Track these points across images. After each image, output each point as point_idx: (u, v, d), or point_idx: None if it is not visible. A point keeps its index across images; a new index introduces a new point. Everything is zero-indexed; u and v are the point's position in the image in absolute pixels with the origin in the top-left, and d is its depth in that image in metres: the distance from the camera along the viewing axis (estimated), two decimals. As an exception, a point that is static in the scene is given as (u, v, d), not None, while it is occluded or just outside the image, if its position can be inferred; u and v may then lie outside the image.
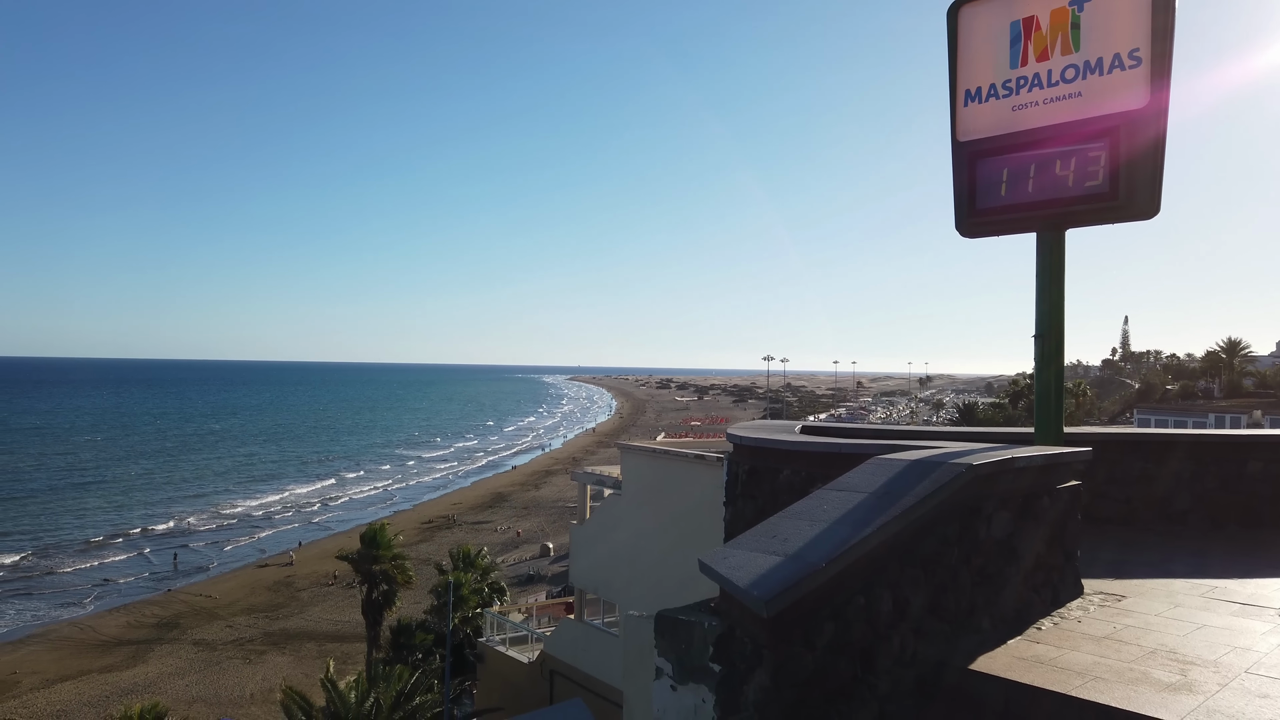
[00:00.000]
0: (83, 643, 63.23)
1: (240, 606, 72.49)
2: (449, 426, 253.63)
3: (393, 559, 44.97)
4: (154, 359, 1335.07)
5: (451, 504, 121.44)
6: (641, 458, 22.10)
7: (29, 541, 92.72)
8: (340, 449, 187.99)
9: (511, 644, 26.40)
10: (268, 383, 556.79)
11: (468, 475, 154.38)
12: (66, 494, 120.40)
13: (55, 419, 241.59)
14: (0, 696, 52.94)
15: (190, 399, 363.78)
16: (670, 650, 5.22)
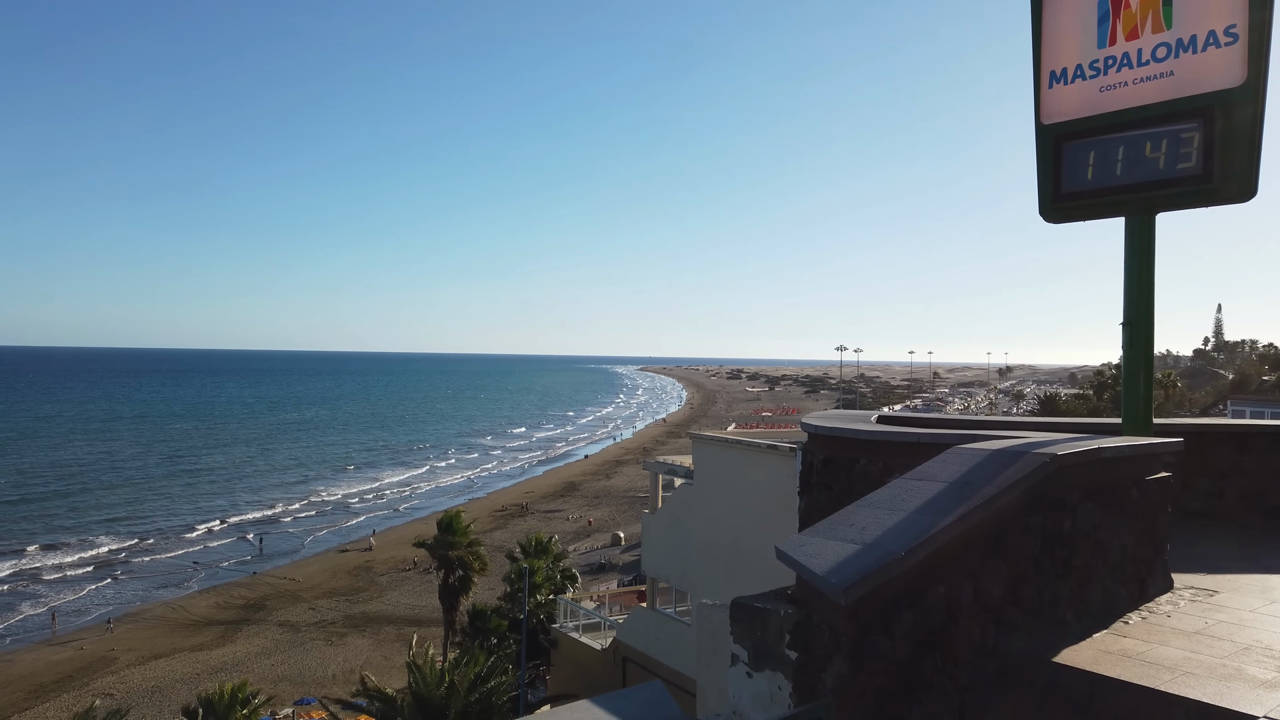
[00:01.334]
0: (175, 622, 66.04)
1: (322, 590, 74.79)
2: (522, 416, 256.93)
3: (468, 545, 45.88)
4: (222, 349, 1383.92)
5: (524, 492, 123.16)
6: (714, 447, 22.13)
7: (130, 526, 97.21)
8: (420, 437, 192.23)
9: (584, 630, 26.73)
10: (350, 373, 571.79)
11: (540, 464, 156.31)
12: (165, 480, 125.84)
13: (153, 408, 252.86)
14: (99, 671, 55.70)
15: (275, 389, 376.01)
16: (745, 637, 5.26)
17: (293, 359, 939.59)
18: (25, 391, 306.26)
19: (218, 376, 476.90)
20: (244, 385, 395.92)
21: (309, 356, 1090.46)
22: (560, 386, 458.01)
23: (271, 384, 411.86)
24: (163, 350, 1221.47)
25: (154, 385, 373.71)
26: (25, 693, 52.23)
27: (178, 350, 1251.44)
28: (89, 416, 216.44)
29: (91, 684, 53.67)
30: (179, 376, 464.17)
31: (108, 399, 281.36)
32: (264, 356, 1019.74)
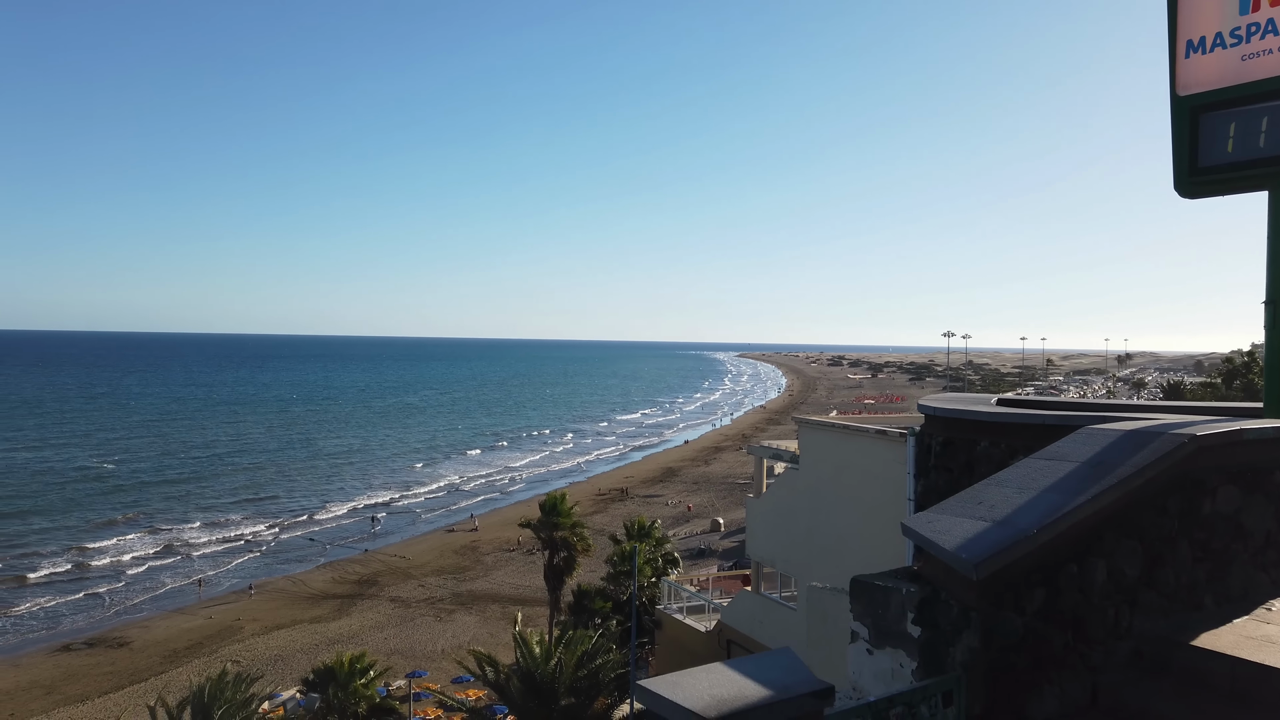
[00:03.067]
0: (295, 595, 69.39)
1: (431, 568, 77.34)
2: (622, 402, 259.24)
3: (571, 527, 46.70)
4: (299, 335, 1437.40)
5: (624, 477, 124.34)
6: (820, 432, 21.96)
7: (257, 505, 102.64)
8: (521, 423, 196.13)
9: (689, 613, 26.98)
10: (453, 359, 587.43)
11: (639, 450, 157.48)
12: (288, 461, 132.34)
13: (275, 391, 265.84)
14: (227, 639, 59.06)
15: (386, 374, 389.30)
16: (866, 615, 5.30)
17: (395, 345, 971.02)
18: (158, 374, 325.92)
19: (333, 362, 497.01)
20: (357, 370, 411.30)
21: (410, 342, 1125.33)
22: (658, 373, 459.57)
23: (382, 369, 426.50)
24: (278, 336, 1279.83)
25: (276, 370, 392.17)
26: (161, 657, 55.82)
27: (292, 336, 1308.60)
28: (218, 400, 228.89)
29: (220, 651, 56.90)
30: (299, 362, 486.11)
31: (236, 383, 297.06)
32: (368, 343, 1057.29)
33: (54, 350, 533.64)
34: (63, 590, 68.48)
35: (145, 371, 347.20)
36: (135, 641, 58.39)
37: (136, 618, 63.51)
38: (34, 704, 48.29)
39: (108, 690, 50.25)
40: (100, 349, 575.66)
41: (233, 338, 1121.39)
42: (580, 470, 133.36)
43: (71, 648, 57.28)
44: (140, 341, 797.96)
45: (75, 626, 61.39)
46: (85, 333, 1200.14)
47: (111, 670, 53.53)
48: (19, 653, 56.32)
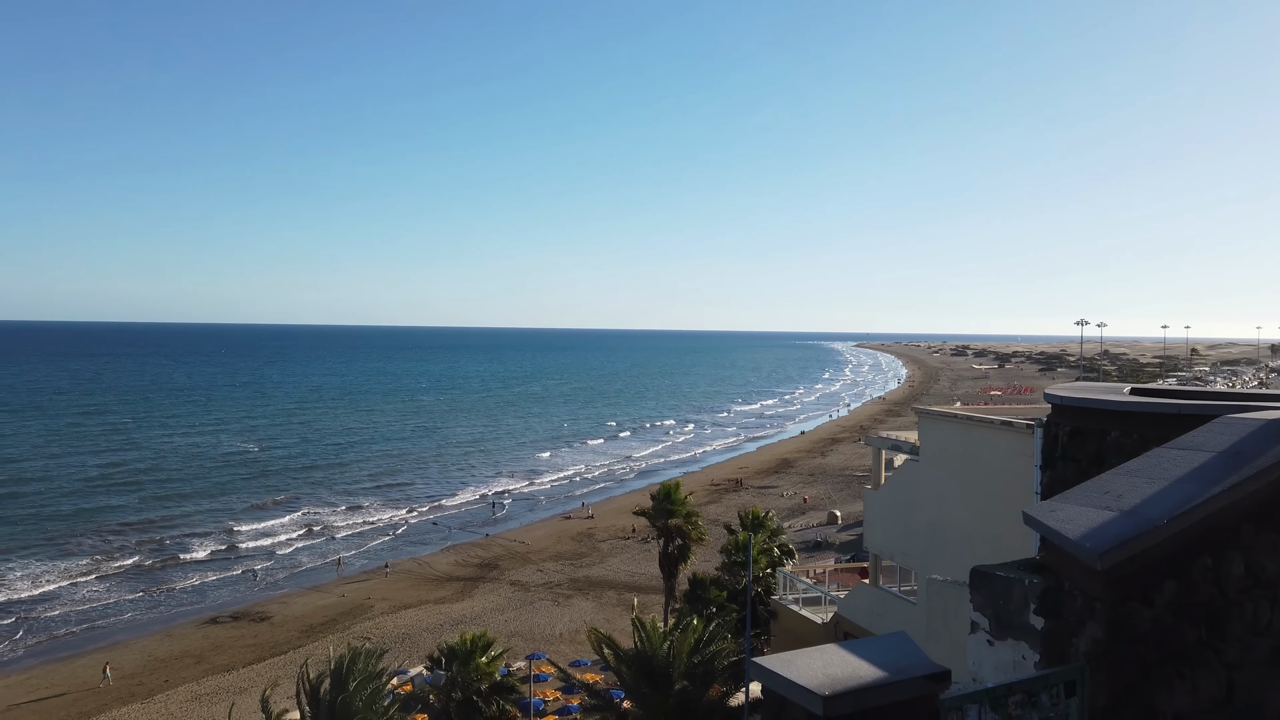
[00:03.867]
0: (421, 576, 72.17)
1: (549, 553, 79.07)
2: (736, 392, 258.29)
3: (686, 516, 46.93)
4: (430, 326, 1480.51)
5: (738, 468, 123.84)
6: (943, 423, 21.38)
7: (388, 489, 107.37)
8: (636, 412, 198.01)
9: (805, 604, 26.74)
10: (569, 349, 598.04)
11: (753, 440, 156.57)
12: (419, 447, 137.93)
13: (405, 382, 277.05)
14: (358, 617, 62.00)
15: (505, 364, 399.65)
16: (987, 605, 5.23)
17: (514, 336, 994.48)
18: (295, 365, 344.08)
19: (457, 353, 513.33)
20: (481, 361, 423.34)
21: (527, 333, 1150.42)
22: (774, 363, 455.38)
23: (504, 360, 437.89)
24: (404, 329, 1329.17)
25: (404, 361, 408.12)
26: (298, 632, 59.06)
27: (419, 328, 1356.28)
28: (352, 390, 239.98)
29: (352, 627, 59.74)
30: (425, 353, 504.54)
31: (368, 374, 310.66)
32: (488, 334, 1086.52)
33: (201, 343, 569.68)
34: (211, 568, 73.24)
35: (284, 362, 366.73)
36: (275, 616, 61.96)
37: (276, 594, 67.35)
38: (185, 672, 51.91)
39: (251, 661, 53.49)
40: (238, 341, 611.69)
41: (358, 330, 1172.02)
42: (695, 460, 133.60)
43: (218, 620, 61.26)
44: (273, 333, 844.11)
45: (221, 601, 65.55)
46: (226, 325, 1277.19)
47: (254, 643, 56.98)
48: (171, 624, 60.59)
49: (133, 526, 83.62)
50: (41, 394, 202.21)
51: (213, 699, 47.94)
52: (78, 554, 74.07)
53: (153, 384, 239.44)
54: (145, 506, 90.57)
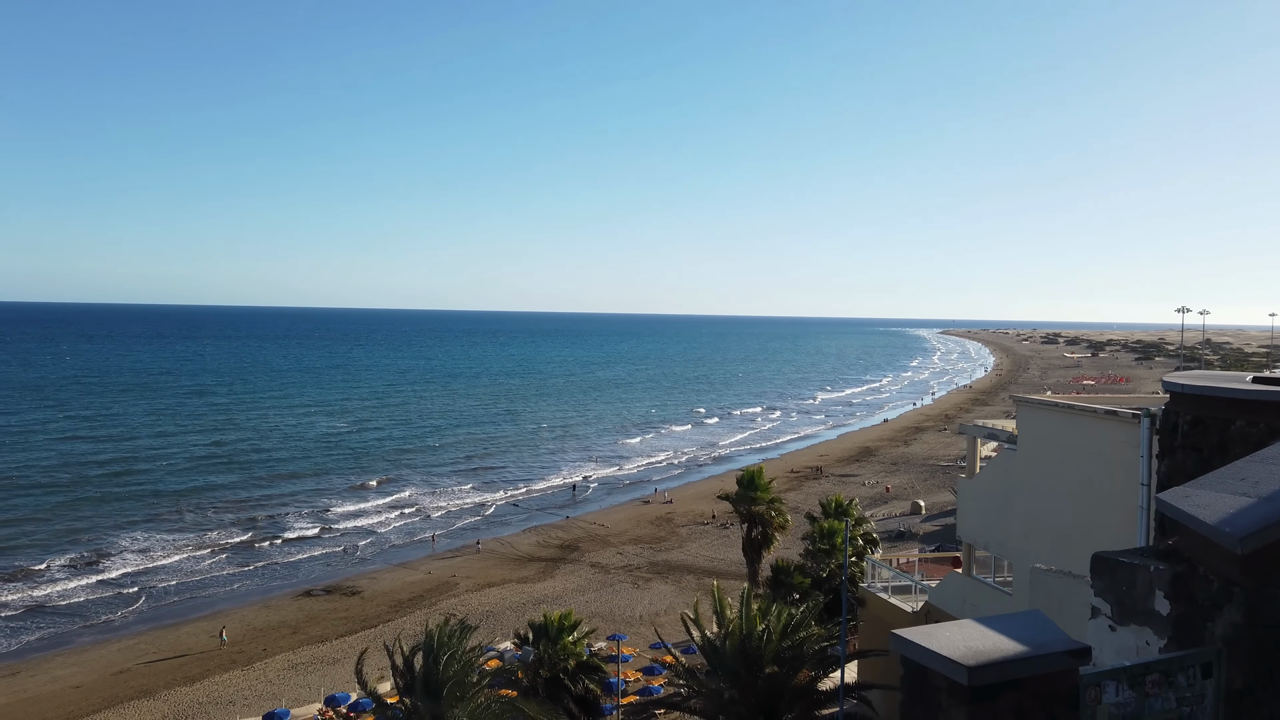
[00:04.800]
0: (504, 556, 73.65)
1: (628, 537, 79.77)
2: (816, 379, 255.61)
3: (769, 502, 46.79)
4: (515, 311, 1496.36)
5: (818, 455, 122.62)
6: (1042, 412, 20.82)
7: (473, 470, 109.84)
8: (716, 398, 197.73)
9: (894, 592, 26.43)
10: (650, 335, 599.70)
11: (834, 428, 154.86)
12: (503, 431, 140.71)
13: (484, 365, 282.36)
14: (444, 594, 63.63)
15: (587, 349, 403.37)
16: (1109, 591, 5.18)
17: (590, 321, 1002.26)
18: (381, 349, 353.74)
19: (539, 337, 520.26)
20: (561, 346, 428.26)
21: (603, 319, 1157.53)
22: (856, 350, 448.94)
23: (583, 345, 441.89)
24: (485, 313, 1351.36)
25: (488, 345, 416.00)
26: (387, 606, 60.98)
27: (500, 314, 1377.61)
28: (439, 373, 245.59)
29: (438, 604, 61.35)
30: (509, 337, 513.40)
31: (451, 358, 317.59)
32: (566, 319, 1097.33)
33: (292, 326, 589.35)
34: (306, 543, 76.12)
35: (370, 346, 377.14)
36: (365, 591, 64.07)
37: (366, 570, 69.60)
38: (282, 641, 54.15)
39: (343, 633, 55.47)
40: (324, 325, 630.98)
41: (438, 314, 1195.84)
42: (775, 447, 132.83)
43: (312, 593, 63.64)
44: (355, 318, 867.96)
45: (315, 575, 68.06)
46: (313, 309, 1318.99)
47: (346, 616, 59.05)
48: (269, 595, 63.22)
49: (235, 503, 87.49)
50: (150, 375, 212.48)
51: (308, 668, 49.93)
52: (185, 528, 77.86)
53: (250, 366, 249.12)
54: (247, 485, 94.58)
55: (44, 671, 49.04)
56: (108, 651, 52.18)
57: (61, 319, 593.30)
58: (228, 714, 43.49)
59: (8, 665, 49.98)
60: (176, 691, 46.40)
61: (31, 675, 48.59)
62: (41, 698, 45.56)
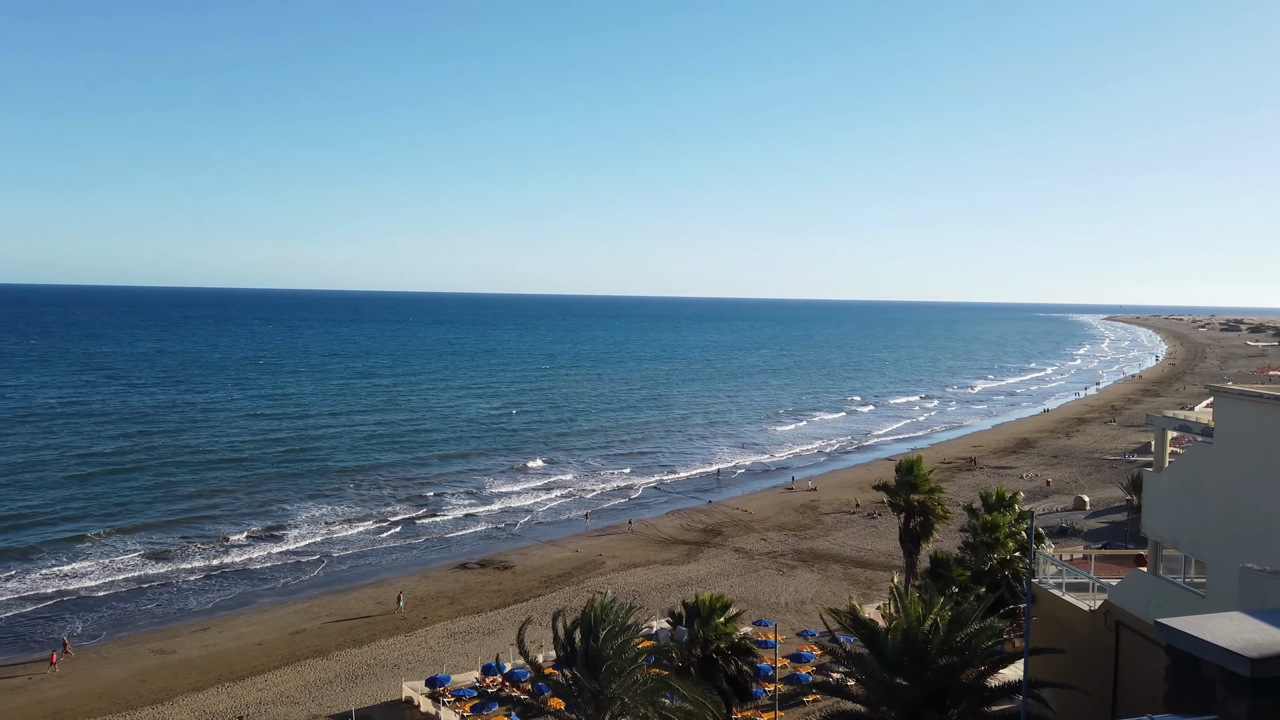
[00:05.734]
0: (647, 538, 74.54)
1: (772, 523, 79.15)
2: (970, 367, 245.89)
3: (929, 491, 45.24)
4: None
5: (971, 446, 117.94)
6: (1246, 404, 19.06)
7: (618, 454, 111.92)
8: (861, 385, 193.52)
9: (1067, 590, 25.02)
10: (785, 320, 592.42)
11: (989, 417, 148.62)
12: (646, 416, 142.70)
13: (626, 350, 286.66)
14: (590, 572, 65.03)
15: (725, 334, 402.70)
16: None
17: (727, 306, 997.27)
18: (522, 331, 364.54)
19: (679, 322, 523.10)
20: (701, 331, 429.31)
21: (739, 304, 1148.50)
22: (1014, 336, 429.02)
23: (722, 330, 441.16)
24: (627, 298, 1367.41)
25: (631, 329, 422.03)
26: (537, 581, 62.87)
27: (639, 299, 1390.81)
28: (585, 356, 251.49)
29: (585, 581, 62.76)
30: (650, 321, 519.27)
31: (592, 341, 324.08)
32: (702, 304, 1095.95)
33: (441, 309, 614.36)
34: (462, 520, 79.57)
35: (515, 329, 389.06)
36: (517, 566, 66.30)
37: (518, 546, 72.01)
38: (440, 610, 56.74)
39: (496, 605, 57.61)
40: (471, 308, 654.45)
41: (579, 299, 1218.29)
42: (925, 437, 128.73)
43: (467, 566, 66.38)
44: (498, 302, 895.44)
45: (469, 549, 71.01)
46: (459, 294, 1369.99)
47: (499, 589, 61.29)
48: (428, 567, 66.37)
49: (398, 480, 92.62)
50: (320, 357, 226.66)
51: (465, 637, 52.15)
52: (354, 502, 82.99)
53: (409, 349, 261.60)
54: (408, 463, 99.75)
55: (230, 629, 53.24)
56: (285, 613, 56.12)
57: (237, 303, 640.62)
58: (394, 676, 45.94)
59: (200, 622, 54.53)
60: (347, 653, 49.41)
61: (220, 631, 52.85)
62: (228, 652, 49.49)
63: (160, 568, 63.53)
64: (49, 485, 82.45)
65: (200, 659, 48.59)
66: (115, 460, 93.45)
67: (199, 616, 55.45)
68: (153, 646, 50.24)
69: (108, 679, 46.11)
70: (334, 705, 42.86)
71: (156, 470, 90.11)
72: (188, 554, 66.62)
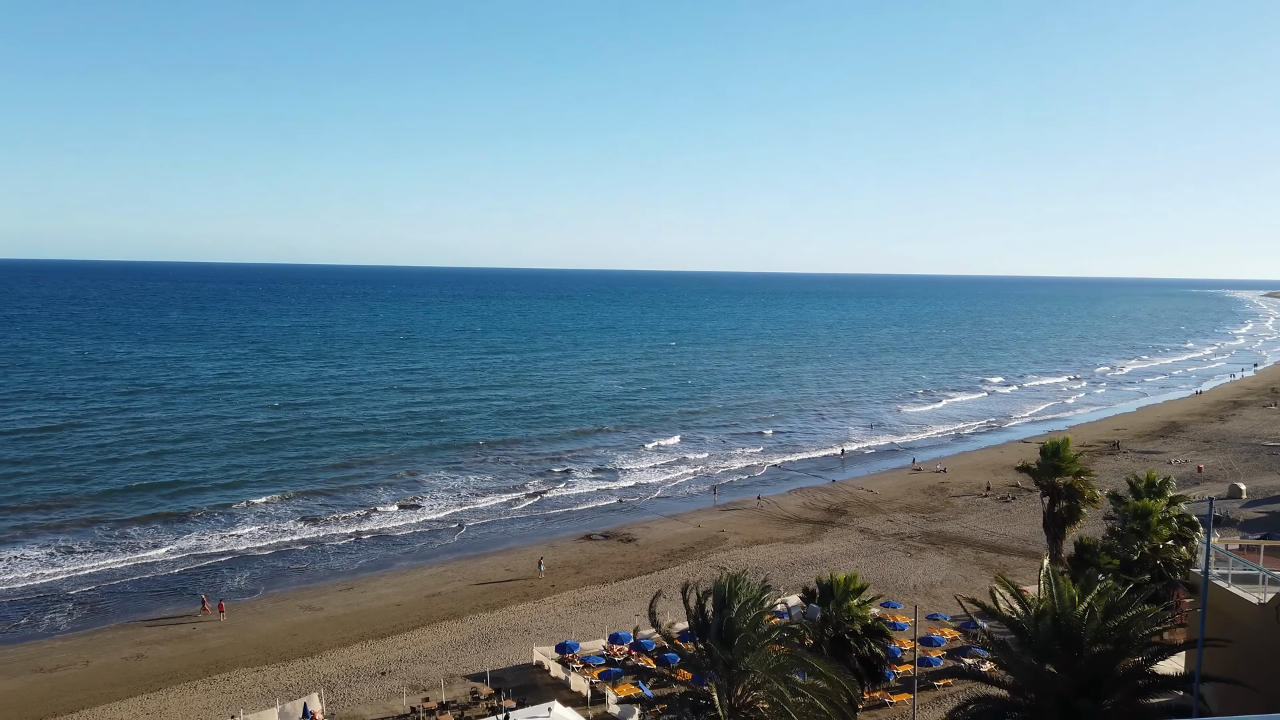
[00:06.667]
0: (770, 515, 74.14)
1: (898, 504, 77.35)
2: (1112, 347, 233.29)
3: (1076, 474, 43.19)
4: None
5: (1114, 429, 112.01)
6: None
7: (740, 439, 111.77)
8: (995, 365, 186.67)
9: (1233, 581, 23.47)
10: (912, 296, 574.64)
11: (1132, 399, 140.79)
12: (767, 392, 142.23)
13: (750, 326, 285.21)
14: (713, 547, 65.20)
15: (849, 310, 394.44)
16: None
17: (851, 282, 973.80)
18: (642, 307, 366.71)
19: (802, 298, 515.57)
20: (825, 307, 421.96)
21: (863, 280, 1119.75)
22: (1169, 314, 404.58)
23: (847, 307, 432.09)
24: (742, 275, 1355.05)
25: (751, 305, 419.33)
26: (660, 554, 63.58)
27: (755, 275, 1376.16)
28: (706, 334, 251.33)
29: (708, 556, 63.10)
30: (771, 298, 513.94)
31: (714, 317, 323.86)
32: (826, 280, 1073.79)
33: (563, 286, 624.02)
34: (588, 494, 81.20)
35: (633, 305, 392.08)
36: (640, 539, 67.18)
37: (640, 519, 72.96)
38: (567, 580, 58.13)
39: (621, 577, 58.59)
40: (588, 285, 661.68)
41: (694, 276, 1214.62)
42: (1063, 419, 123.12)
43: (592, 538, 67.72)
44: (608, 279, 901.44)
45: (594, 521, 72.40)
46: (581, 271, 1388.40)
47: (622, 560, 62.28)
48: (554, 537, 68.04)
49: (528, 452, 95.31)
50: (451, 332, 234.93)
51: (591, 606, 53.30)
52: (487, 473, 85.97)
53: (535, 325, 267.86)
54: (537, 436, 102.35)
55: (372, 590, 56.09)
56: (422, 576, 58.71)
57: (374, 280, 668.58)
58: (524, 640, 47.47)
59: (344, 582, 57.69)
60: (480, 616, 51.33)
61: (362, 591, 55.77)
62: (370, 611, 52.19)
63: (308, 531, 67.46)
64: (211, 454, 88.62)
65: (345, 616, 51.42)
66: (267, 431, 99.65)
67: (343, 577, 58.65)
68: (302, 603, 53.49)
69: (262, 631, 49.40)
70: (469, 665, 44.64)
71: (305, 441, 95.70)
72: (333, 519, 70.51)
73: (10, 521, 66.59)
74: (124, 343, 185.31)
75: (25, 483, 76.10)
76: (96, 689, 42.23)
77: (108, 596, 54.32)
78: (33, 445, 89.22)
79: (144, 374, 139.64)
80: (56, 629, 49.55)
